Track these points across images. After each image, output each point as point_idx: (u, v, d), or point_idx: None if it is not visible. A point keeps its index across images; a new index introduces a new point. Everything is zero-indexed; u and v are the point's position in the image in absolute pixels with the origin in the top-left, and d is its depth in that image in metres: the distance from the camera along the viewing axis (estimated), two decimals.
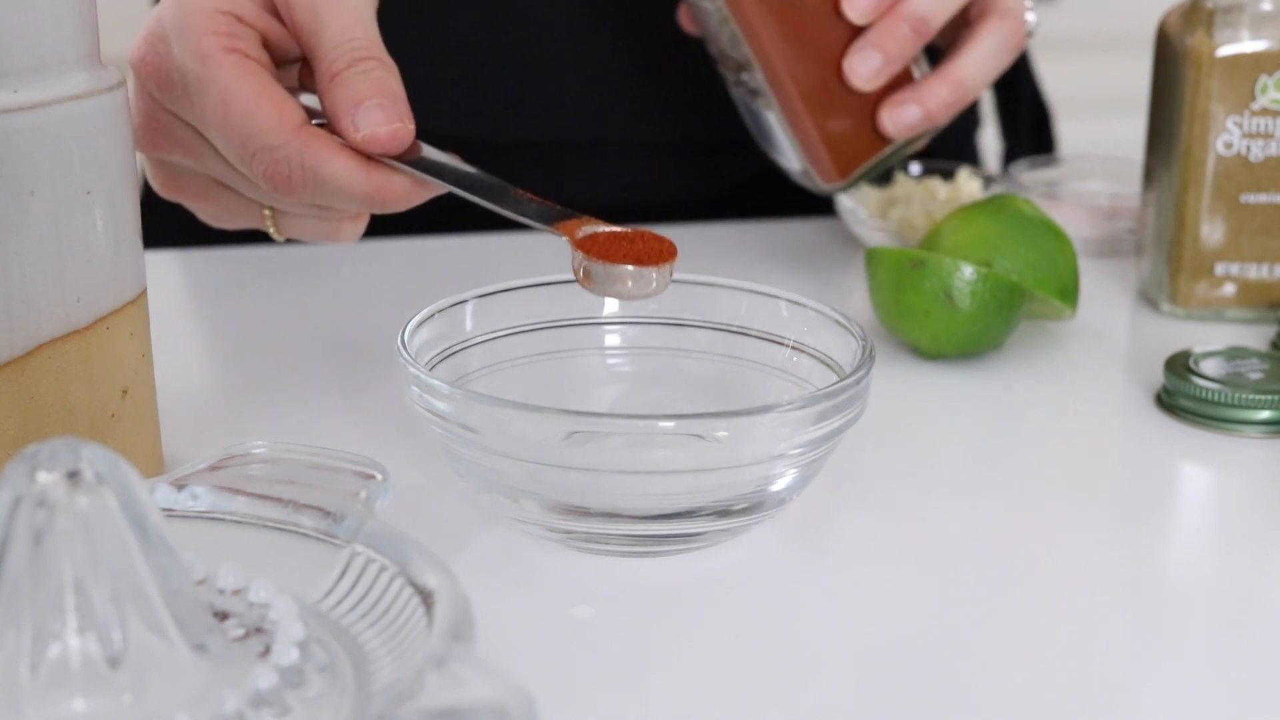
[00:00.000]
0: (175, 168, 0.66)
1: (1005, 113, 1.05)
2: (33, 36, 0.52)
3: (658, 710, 0.49)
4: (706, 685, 0.49)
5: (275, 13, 0.63)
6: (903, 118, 0.75)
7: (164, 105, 0.63)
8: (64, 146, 0.53)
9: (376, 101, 0.60)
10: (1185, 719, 0.49)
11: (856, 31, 0.74)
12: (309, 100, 0.63)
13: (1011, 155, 1.03)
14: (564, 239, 0.57)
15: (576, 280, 0.58)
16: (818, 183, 0.78)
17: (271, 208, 0.66)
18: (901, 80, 0.76)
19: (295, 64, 0.66)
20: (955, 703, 0.49)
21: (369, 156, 0.60)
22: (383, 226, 0.95)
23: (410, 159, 0.60)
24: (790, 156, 0.78)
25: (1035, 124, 1.06)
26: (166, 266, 0.84)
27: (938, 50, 0.79)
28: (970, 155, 1.03)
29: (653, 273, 0.57)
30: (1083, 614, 0.54)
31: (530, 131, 0.91)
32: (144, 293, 0.57)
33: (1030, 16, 0.78)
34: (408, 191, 0.61)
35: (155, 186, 0.67)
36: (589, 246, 0.57)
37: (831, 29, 0.74)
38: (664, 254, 0.57)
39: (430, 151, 0.61)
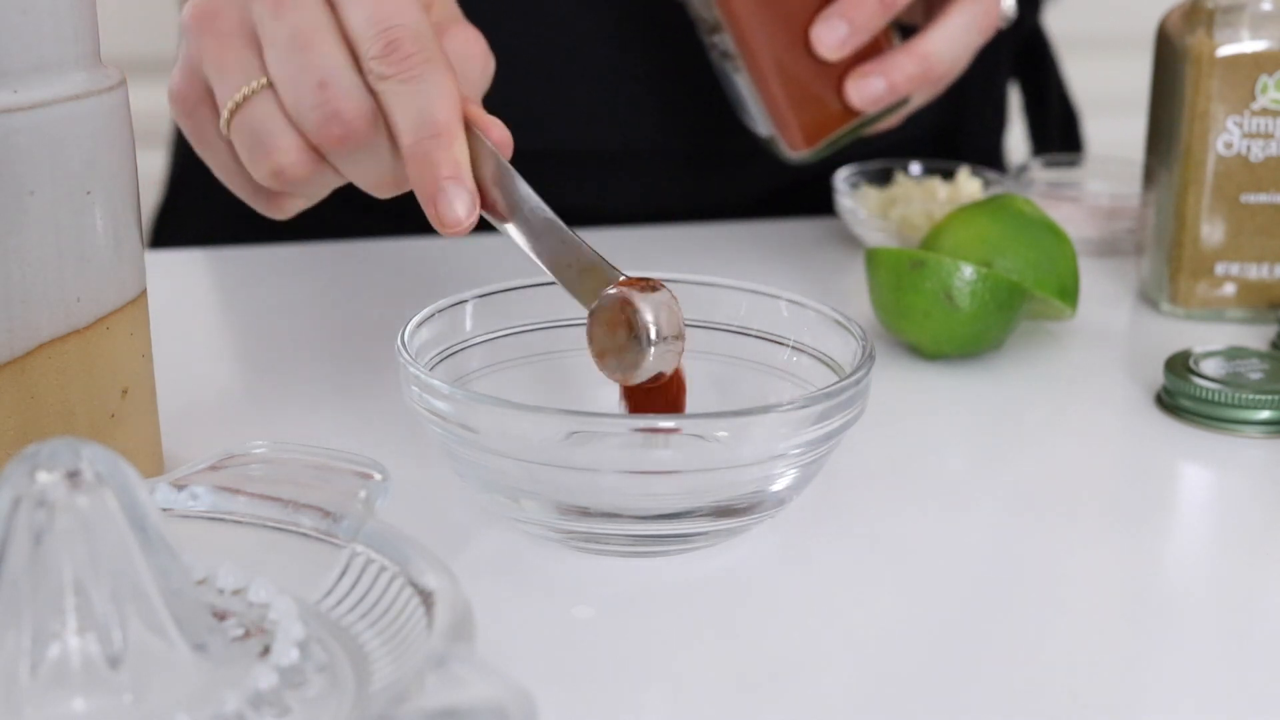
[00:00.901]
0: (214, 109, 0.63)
1: (1033, 114, 1.05)
2: (33, 36, 0.52)
3: (658, 710, 0.49)
4: (706, 685, 0.49)
5: None
6: (867, 89, 0.75)
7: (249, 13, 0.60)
8: (64, 146, 0.53)
9: (453, 189, 0.58)
10: (1181, 717, 0.49)
11: (826, 1, 0.75)
12: None
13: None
14: (616, 287, 0.57)
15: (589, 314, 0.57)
16: (784, 151, 0.78)
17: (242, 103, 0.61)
18: (871, 53, 0.76)
19: None
20: (956, 702, 0.49)
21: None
22: (384, 226, 0.95)
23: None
24: (759, 122, 0.78)
25: (1064, 125, 1.06)
26: (166, 266, 0.84)
27: (912, 32, 0.78)
28: (996, 157, 1.03)
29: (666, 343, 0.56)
30: (1083, 614, 0.54)
31: (558, 140, 0.91)
32: (144, 293, 0.57)
33: (1008, 2, 0.78)
34: (452, 186, 0.58)
35: (174, 91, 0.64)
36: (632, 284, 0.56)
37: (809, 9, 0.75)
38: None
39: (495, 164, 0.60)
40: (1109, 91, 1.31)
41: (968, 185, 0.87)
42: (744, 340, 0.62)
